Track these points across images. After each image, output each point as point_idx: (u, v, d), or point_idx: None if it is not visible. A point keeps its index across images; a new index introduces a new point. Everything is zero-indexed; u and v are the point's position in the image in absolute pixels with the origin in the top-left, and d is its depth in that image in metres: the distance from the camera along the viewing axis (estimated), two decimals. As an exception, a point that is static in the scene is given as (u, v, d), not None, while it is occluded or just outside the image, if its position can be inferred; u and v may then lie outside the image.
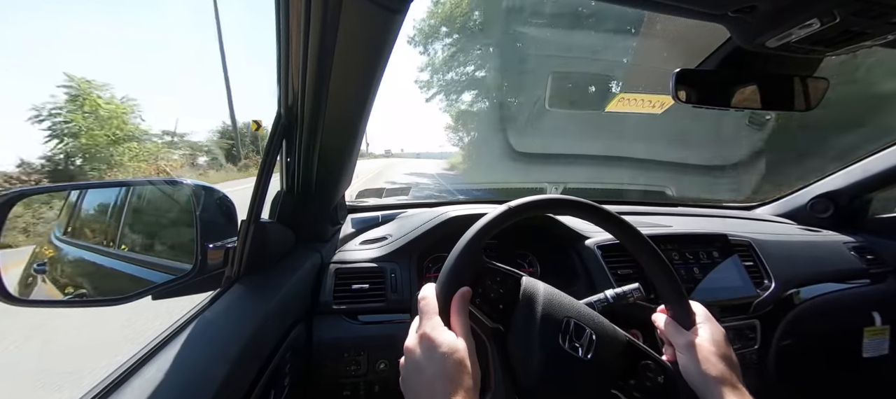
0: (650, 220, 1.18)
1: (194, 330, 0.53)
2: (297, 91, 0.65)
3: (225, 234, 0.69)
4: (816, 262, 1.11)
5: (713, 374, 0.47)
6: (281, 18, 0.57)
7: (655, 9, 0.50)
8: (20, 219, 4.67)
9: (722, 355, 0.49)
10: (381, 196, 1.38)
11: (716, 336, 0.51)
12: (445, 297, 0.47)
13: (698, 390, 0.48)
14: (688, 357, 0.50)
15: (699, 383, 0.48)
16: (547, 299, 0.50)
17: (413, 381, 0.44)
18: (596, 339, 0.49)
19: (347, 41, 0.52)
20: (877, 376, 1.18)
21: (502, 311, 0.50)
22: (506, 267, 0.52)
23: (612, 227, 0.55)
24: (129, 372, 0.45)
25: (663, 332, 0.55)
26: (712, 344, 0.50)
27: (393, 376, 0.81)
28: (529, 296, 0.50)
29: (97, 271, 0.84)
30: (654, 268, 0.54)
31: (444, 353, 0.42)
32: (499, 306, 0.50)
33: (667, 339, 0.55)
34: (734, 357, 0.50)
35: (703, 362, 0.48)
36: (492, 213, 0.52)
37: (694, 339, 0.50)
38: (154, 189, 0.86)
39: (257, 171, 0.68)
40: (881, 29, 0.46)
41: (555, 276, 0.99)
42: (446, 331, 0.45)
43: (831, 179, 1.32)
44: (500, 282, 0.50)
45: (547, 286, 0.52)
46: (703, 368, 0.48)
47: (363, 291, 0.83)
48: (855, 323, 1.14)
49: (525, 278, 0.52)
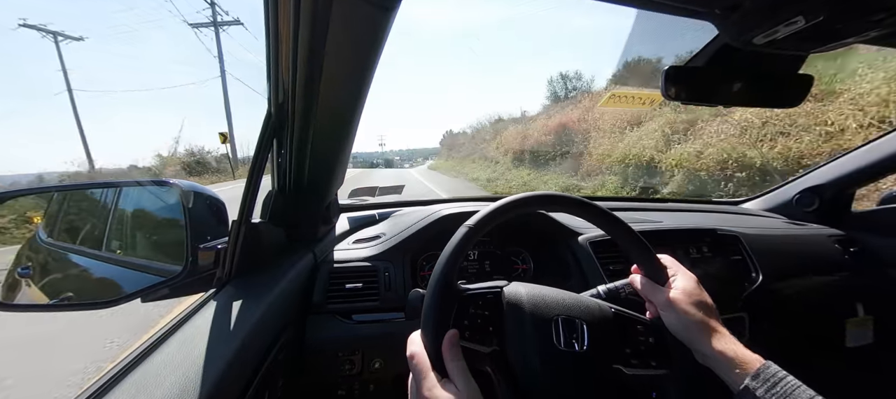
0: (641, 216, 1.19)
1: (185, 332, 0.53)
2: (287, 89, 0.64)
3: (215, 234, 0.68)
4: (802, 255, 1.13)
5: (693, 322, 0.49)
6: (270, 15, 0.56)
7: (644, 6, 0.51)
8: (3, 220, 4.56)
9: (697, 302, 0.51)
10: (374, 195, 1.38)
11: (688, 285, 0.53)
12: (435, 348, 0.46)
13: (683, 339, 0.50)
14: (667, 312, 0.52)
15: (683, 333, 0.50)
16: (531, 303, 0.50)
17: None
18: (588, 327, 0.50)
19: (338, 39, 0.52)
20: (860, 365, 1.22)
21: (493, 331, 0.50)
22: (483, 285, 0.52)
23: (576, 210, 0.56)
24: (118, 376, 0.44)
25: (641, 291, 0.57)
26: (686, 294, 0.52)
27: (387, 375, 0.81)
28: (514, 305, 0.50)
29: (84, 274, 0.82)
30: (619, 234, 0.56)
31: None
32: (489, 328, 0.50)
33: (646, 298, 0.57)
34: (708, 300, 0.53)
35: (681, 314, 0.50)
36: (453, 240, 0.51)
37: (669, 293, 0.52)
38: (142, 190, 0.84)
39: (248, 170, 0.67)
40: (863, 26, 0.47)
41: (548, 272, 1.00)
42: (444, 387, 0.43)
43: (816, 174, 1.35)
44: (483, 304, 0.50)
45: (529, 288, 0.53)
46: (683, 319, 0.50)
47: (357, 291, 0.83)
48: (839, 314, 1.17)
49: (506, 288, 0.52)
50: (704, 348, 0.48)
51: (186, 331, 0.53)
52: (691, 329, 0.49)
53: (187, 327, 0.54)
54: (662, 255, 0.57)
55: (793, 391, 0.42)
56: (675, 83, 0.63)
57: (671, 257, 0.58)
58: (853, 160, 1.26)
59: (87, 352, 2.38)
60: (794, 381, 0.43)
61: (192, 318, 0.56)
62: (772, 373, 0.44)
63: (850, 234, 1.24)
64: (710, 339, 0.48)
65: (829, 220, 1.31)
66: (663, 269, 0.56)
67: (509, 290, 0.52)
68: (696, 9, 0.51)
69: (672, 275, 0.55)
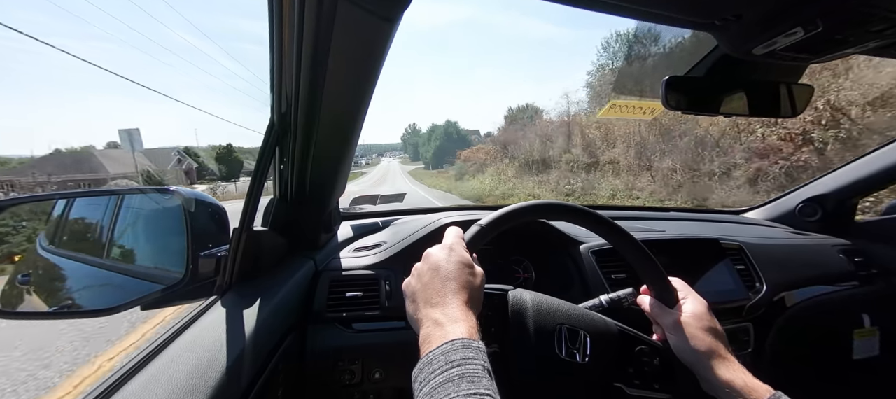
0: (643, 225, 1.19)
1: (184, 340, 0.52)
2: (290, 98, 0.65)
3: (217, 242, 0.68)
4: (806, 265, 1.12)
5: (701, 348, 0.49)
6: (274, 26, 0.57)
7: (644, 18, 0.51)
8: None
9: (707, 328, 0.50)
10: (376, 203, 1.38)
11: (698, 310, 0.52)
12: (472, 239, 0.52)
13: (690, 365, 0.50)
14: (676, 336, 0.51)
15: (690, 359, 0.49)
16: (536, 310, 0.50)
17: (425, 276, 0.46)
18: (590, 340, 0.49)
19: (341, 49, 0.52)
20: (868, 378, 1.20)
21: (495, 332, 0.50)
22: (490, 286, 0.52)
23: (588, 223, 0.56)
24: (116, 385, 0.44)
25: (650, 313, 0.57)
26: (696, 318, 0.51)
27: (388, 386, 0.80)
28: (519, 310, 0.50)
29: (85, 281, 0.82)
30: (631, 253, 0.56)
31: (463, 263, 0.46)
32: (491, 329, 0.50)
33: (654, 320, 0.56)
34: (718, 326, 0.52)
35: (690, 339, 0.49)
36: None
37: (678, 317, 0.52)
38: (144, 197, 0.85)
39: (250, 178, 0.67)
40: (862, 37, 0.47)
41: (550, 281, 0.99)
42: (467, 253, 0.49)
43: (819, 183, 1.35)
44: (488, 303, 0.50)
45: (534, 295, 0.53)
46: (691, 345, 0.49)
47: (357, 299, 0.82)
48: (845, 325, 1.16)
49: (511, 293, 0.52)
50: (711, 376, 0.47)
51: (185, 339, 0.53)
52: (699, 355, 0.48)
53: (186, 335, 0.54)
54: (673, 278, 0.56)
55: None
56: (675, 93, 0.64)
57: (682, 281, 0.57)
58: (856, 170, 1.25)
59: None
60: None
61: (191, 326, 0.56)
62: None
63: (855, 243, 1.23)
64: (719, 366, 0.47)
65: (833, 230, 1.30)
66: (674, 291, 0.55)
67: (515, 295, 0.52)
68: (696, 20, 0.51)
69: (682, 298, 0.54)
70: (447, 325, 0.39)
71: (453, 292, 0.43)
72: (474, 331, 0.40)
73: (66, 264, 0.88)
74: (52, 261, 0.89)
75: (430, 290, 0.44)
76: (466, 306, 0.42)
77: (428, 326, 0.41)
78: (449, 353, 0.36)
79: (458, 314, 0.41)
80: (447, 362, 0.35)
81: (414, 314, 0.45)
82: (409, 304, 0.47)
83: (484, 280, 0.48)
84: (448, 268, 0.45)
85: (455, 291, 0.43)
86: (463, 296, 0.43)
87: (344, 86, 0.60)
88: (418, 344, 0.40)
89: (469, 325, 0.40)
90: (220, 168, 38.43)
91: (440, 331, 0.39)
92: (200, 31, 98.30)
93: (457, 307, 0.42)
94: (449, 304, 0.42)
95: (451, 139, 51.64)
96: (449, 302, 0.42)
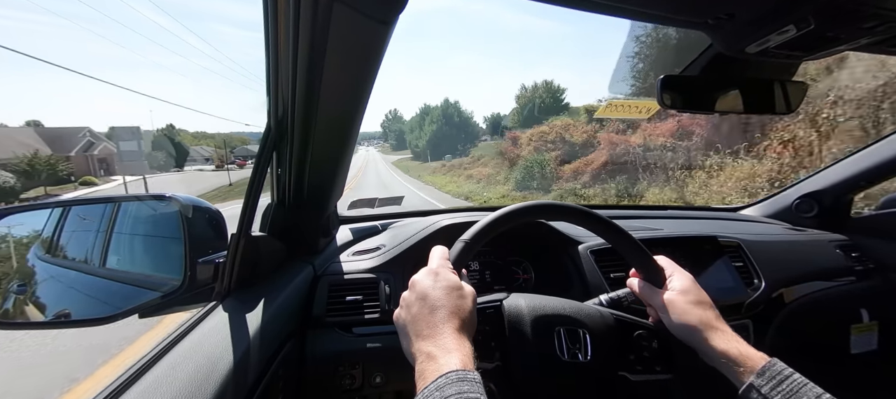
0: (641, 224, 1.19)
1: (183, 347, 0.52)
2: (286, 103, 0.65)
3: (215, 248, 0.68)
4: (803, 261, 1.13)
5: (692, 322, 0.49)
6: (269, 30, 0.57)
7: (638, 17, 0.51)
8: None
9: (695, 302, 0.51)
10: (374, 206, 1.38)
11: (685, 285, 0.53)
12: (457, 258, 0.51)
13: (685, 340, 0.50)
14: (667, 315, 0.51)
15: (684, 334, 0.50)
16: (533, 314, 0.50)
17: (414, 307, 0.45)
18: (590, 337, 0.49)
19: (337, 53, 0.52)
20: (865, 372, 1.20)
21: (495, 347, 0.49)
22: (482, 300, 0.52)
23: (568, 217, 0.57)
24: (116, 392, 0.43)
25: (640, 295, 0.57)
26: (683, 293, 0.51)
27: (389, 390, 0.80)
28: (515, 318, 0.50)
29: (81, 290, 0.81)
30: (615, 238, 0.56)
31: (450, 286, 0.45)
32: (490, 344, 0.49)
33: (645, 301, 0.57)
34: (706, 297, 0.52)
35: (681, 315, 0.50)
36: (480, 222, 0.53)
37: (666, 295, 0.52)
38: (141, 204, 0.84)
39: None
40: (854, 34, 0.47)
41: (550, 281, 0.99)
42: (454, 273, 0.48)
43: (814, 179, 1.36)
44: (483, 319, 0.50)
45: (529, 299, 0.52)
46: (682, 320, 0.49)
47: (357, 303, 0.82)
48: (843, 320, 1.16)
49: (505, 301, 0.52)
50: (707, 348, 0.47)
51: (184, 345, 0.53)
52: (691, 329, 0.49)
53: (185, 342, 0.53)
54: (659, 256, 0.57)
55: (799, 388, 0.41)
56: (670, 92, 0.64)
57: (667, 258, 0.58)
58: (851, 165, 1.26)
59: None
60: (801, 378, 0.42)
61: (190, 333, 0.56)
62: (777, 370, 0.43)
63: (851, 238, 1.24)
64: (712, 337, 0.47)
65: (830, 226, 1.30)
66: (660, 270, 0.55)
67: (509, 302, 0.52)
68: (690, 19, 0.52)
69: (669, 275, 0.55)
70: (440, 357, 0.39)
71: (444, 321, 0.42)
72: (469, 359, 0.39)
73: (62, 273, 0.87)
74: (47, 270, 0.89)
75: (420, 321, 0.43)
76: (459, 333, 0.41)
77: (422, 361, 0.40)
78: (444, 387, 0.35)
79: (451, 344, 0.40)
80: (442, 398, 0.35)
81: (407, 348, 0.44)
82: (401, 337, 0.46)
83: (475, 298, 0.47)
84: (435, 295, 0.44)
85: (445, 320, 0.42)
86: (454, 323, 0.42)
87: (340, 89, 0.60)
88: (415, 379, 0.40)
89: (463, 353, 0.39)
90: (156, 155, 32.12)
91: (434, 365, 0.38)
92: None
93: (449, 336, 0.41)
94: (441, 334, 0.41)
95: (451, 123, 41.37)
96: (440, 331, 0.41)
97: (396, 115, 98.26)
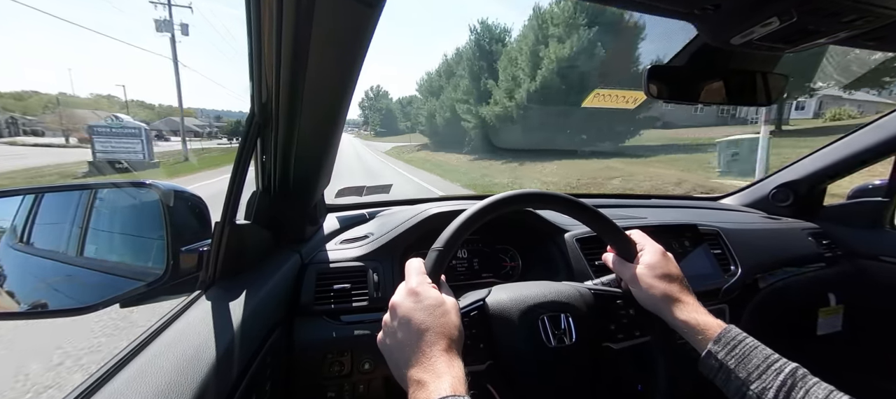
0: (624, 213, 1.22)
1: (167, 338, 0.51)
2: (271, 88, 0.63)
3: (198, 236, 0.67)
4: (778, 248, 1.18)
5: (657, 295, 0.51)
6: (252, 13, 0.55)
7: (625, 6, 0.51)
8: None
9: (662, 275, 0.53)
10: (362, 194, 1.36)
11: (653, 259, 0.55)
12: (433, 269, 0.49)
13: (653, 310, 0.53)
14: (636, 287, 0.54)
15: (650, 305, 0.52)
16: (515, 306, 0.51)
17: (398, 333, 0.45)
18: (573, 318, 0.51)
19: (322, 37, 0.51)
20: (829, 352, 1.27)
21: (484, 347, 0.50)
22: (465, 304, 0.52)
23: (540, 204, 0.58)
24: (99, 382, 0.42)
25: (613, 269, 0.59)
26: (650, 268, 0.54)
27: (378, 376, 0.81)
28: (499, 313, 0.51)
29: (59, 280, 0.79)
30: (588, 217, 0.57)
31: (432, 305, 0.44)
32: (480, 345, 0.50)
33: (618, 274, 0.59)
34: (675, 270, 0.54)
35: (648, 288, 0.52)
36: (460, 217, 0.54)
37: (635, 269, 0.54)
38: (120, 192, 0.81)
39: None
40: (834, 27, 0.49)
41: (537, 269, 1.01)
42: (433, 288, 0.47)
43: (791, 169, 1.40)
44: (469, 322, 0.50)
45: (510, 291, 0.53)
46: (649, 293, 0.52)
47: (345, 291, 0.82)
48: (812, 304, 1.22)
49: (487, 299, 0.53)
50: (671, 318, 0.50)
51: (169, 334, 0.52)
52: (656, 300, 0.51)
53: (169, 331, 0.53)
54: (633, 230, 0.59)
55: (750, 352, 0.45)
56: (657, 81, 0.65)
57: (641, 232, 0.59)
58: (826, 156, 1.31)
59: None
60: (752, 341, 0.46)
61: (174, 322, 0.55)
62: (732, 336, 0.47)
63: (823, 226, 1.29)
64: (675, 309, 0.50)
65: (804, 214, 1.36)
66: (632, 245, 0.57)
67: (491, 299, 0.52)
68: (677, 9, 0.52)
69: (640, 249, 0.57)
70: (430, 383, 0.38)
71: (430, 344, 0.41)
72: (459, 382, 0.38)
73: (36, 263, 0.84)
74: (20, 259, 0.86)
75: (406, 348, 0.42)
76: (448, 353, 0.41)
77: (413, 389, 0.39)
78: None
79: (441, 367, 0.39)
80: None
81: (397, 374, 0.44)
82: (389, 363, 0.46)
83: (458, 308, 0.46)
84: (419, 318, 0.43)
85: (432, 342, 0.41)
86: (442, 344, 0.41)
87: (326, 75, 0.58)
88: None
89: (453, 376, 0.39)
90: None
91: (424, 392, 0.38)
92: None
93: (438, 358, 0.40)
94: (429, 358, 0.40)
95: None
96: (429, 355, 0.40)
97: (379, 91, 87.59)
